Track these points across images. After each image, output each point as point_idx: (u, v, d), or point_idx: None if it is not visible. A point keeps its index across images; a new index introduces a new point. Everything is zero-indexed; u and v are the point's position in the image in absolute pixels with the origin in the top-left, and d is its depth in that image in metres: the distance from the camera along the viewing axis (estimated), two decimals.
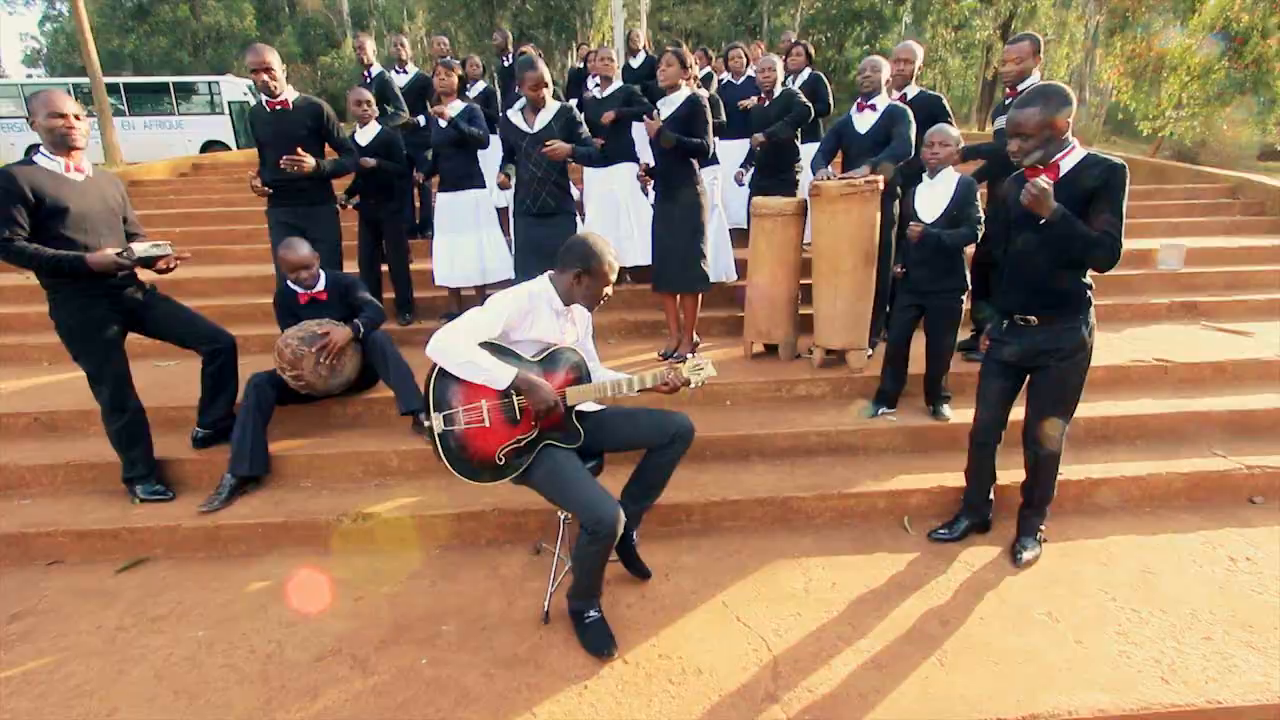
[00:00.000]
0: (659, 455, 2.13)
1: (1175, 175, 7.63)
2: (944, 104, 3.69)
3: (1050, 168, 2.09)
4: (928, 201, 2.99)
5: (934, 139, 2.93)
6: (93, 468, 2.91)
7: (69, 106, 2.42)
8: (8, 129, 13.13)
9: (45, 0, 30.57)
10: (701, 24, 23.43)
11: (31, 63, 34.16)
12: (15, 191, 2.31)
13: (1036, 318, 2.21)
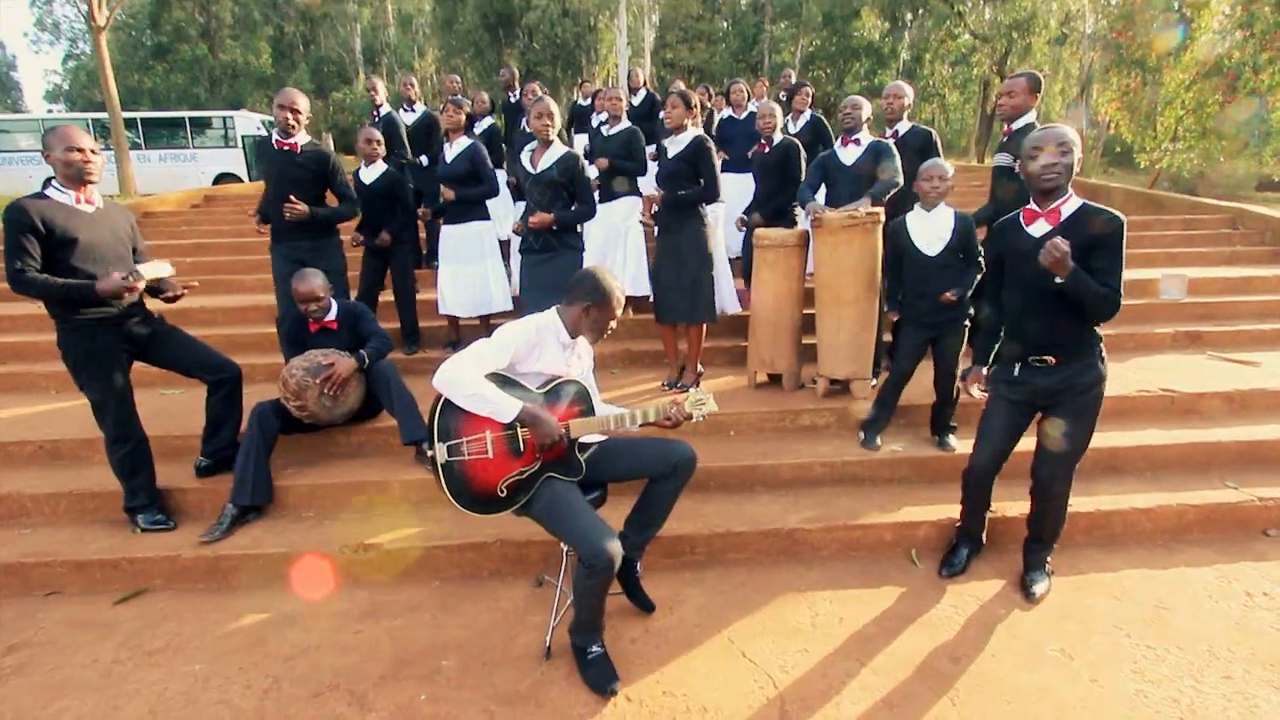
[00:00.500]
0: (661, 485, 2.12)
1: (1174, 206, 7.70)
2: (934, 139, 3.77)
3: (1052, 212, 2.11)
4: (927, 235, 3.02)
5: (932, 174, 2.97)
6: (95, 496, 2.91)
7: (86, 141, 2.48)
8: (26, 162, 13.44)
9: (69, 39, 31.65)
10: (704, 61, 24.03)
11: (53, 99, 35.19)
12: (27, 223, 2.36)
13: (1054, 357, 2.18)
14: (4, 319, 4.98)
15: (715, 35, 24.52)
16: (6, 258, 2.35)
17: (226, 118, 14.50)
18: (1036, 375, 2.23)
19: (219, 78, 25.16)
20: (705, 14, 24.25)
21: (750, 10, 23.98)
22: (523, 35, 21.53)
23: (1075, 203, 2.11)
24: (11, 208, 2.38)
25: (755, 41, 23.88)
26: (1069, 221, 2.09)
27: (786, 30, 24.24)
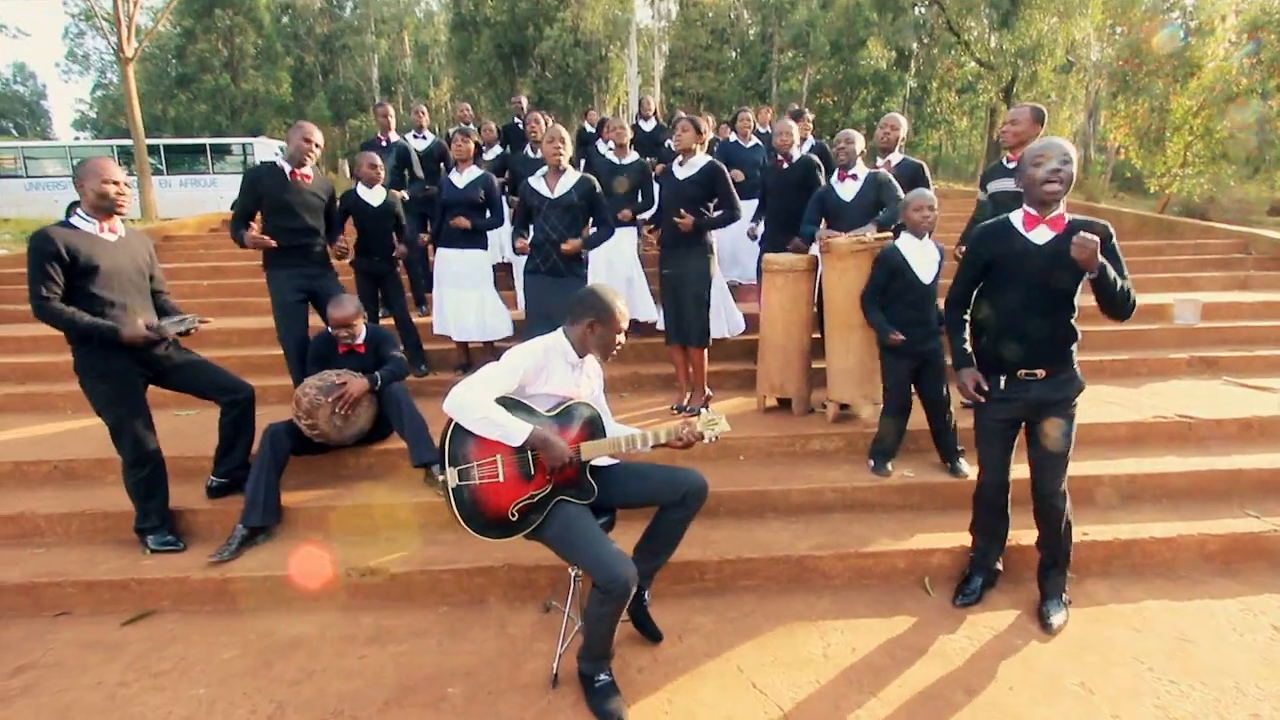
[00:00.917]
0: (672, 513, 2.10)
1: (1185, 230, 7.68)
2: (925, 171, 3.89)
3: (1055, 219, 2.14)
4: (923, 263, 3.05)
5: (922, 204, 3.01)
6: (107, 517, 2.92)
7: (119, 174, 2.56)
8: (53, 187, 13.81)
9: (98, 70, 32.77)
10: (712, 89, 24.45)
11: (80, 126, 36.33)
12: (52, 251, 2.41)
13: (1044, 369, 2.20)
14: (25, 340, 5.08)
15: (724, 64, 24.99)
16: (31, 284, 2.41)
17: (245, 144, 14.86)
18: (1024, 389, 2.23)
19: (240, 106, 25.87)
20: (714, 44, 24.76)
21: (759, 40, 24.45)
22: (535, 64, 22.01)
23: (1068, 215, 2.16)
24: (37, 235, 2.44)
25: (763, 70, 24.29)
26: (1070, 229, 2.13)
27: (794, 59, 24.66)
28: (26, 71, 42.29)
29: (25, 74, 42.23)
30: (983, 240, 2.27)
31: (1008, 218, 2.25)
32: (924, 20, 20.93)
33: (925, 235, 3.05)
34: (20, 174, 14.11)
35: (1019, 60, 16.06)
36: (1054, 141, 2.11)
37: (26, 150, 14.82)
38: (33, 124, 40.82)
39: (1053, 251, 2.12)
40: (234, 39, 25.83)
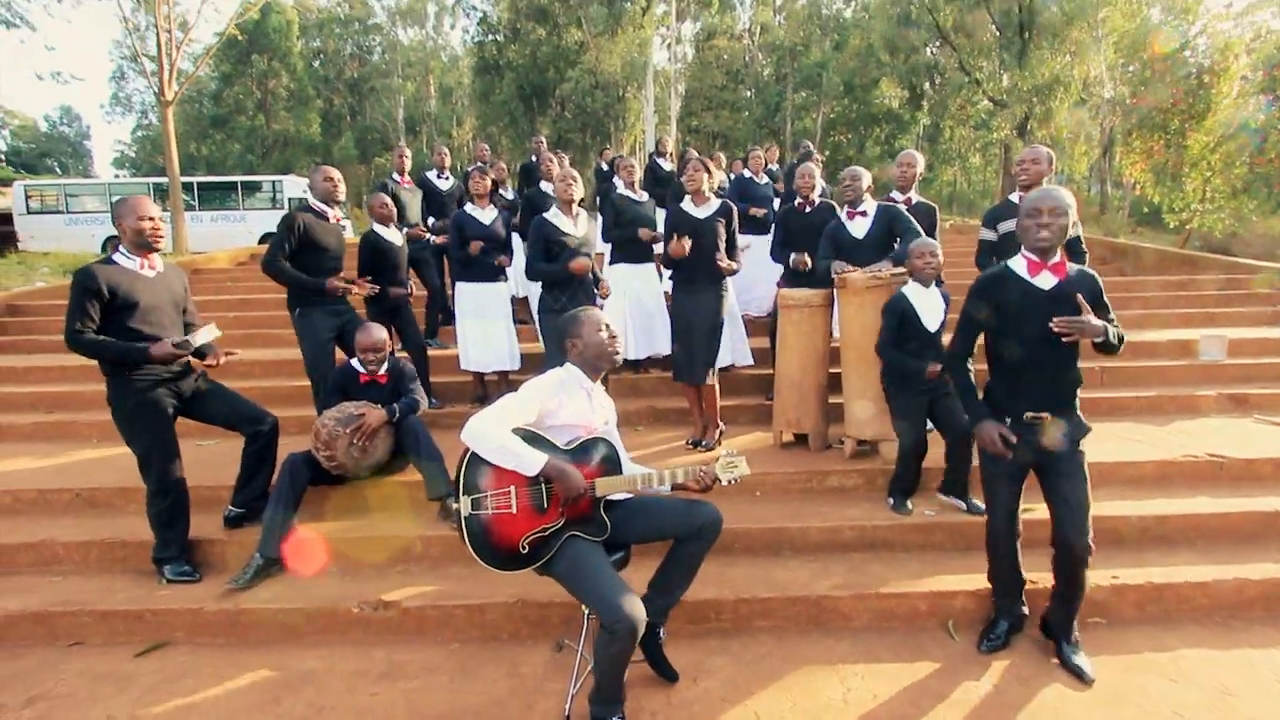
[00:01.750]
0: (686, 547, 2.08)
1: (1207, 266, 7.58)
2: (937, 215, 3.91)
3: (1057, 266, 2.16)
4: (929, 310, 3.04)
5: (923, 251, 3.02)
6: (125, 545, 2.95)
7: (155, 210, 2.66)
8: (91, 222, 14.36)
9: (139, 112, 34.35)
10: (728, 127, 24.96)
11: (120, 165, 37.96)
12: (94, 288, 2.50)
13: (1049, 414, 2.18)
14: (54, 369, 5.22)
15: (739, 103, 25.57)
16: (68, 317, 2.50)
17: (275, 182, 15.40)
18: (1031, 431, 2.20)
19: (271, 145, 26.89)
20: (729, 84, 25.39)
21: (773, 80, 25.02)
22: (555, 105, 22.70)
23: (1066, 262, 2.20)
24: (81, 272, 2.54)
25: (778, 109, 24.79)
26: (1070, 276, 2.16)
27: (808, 99, 25.16)
28: (72, 114, 44.54)
29: (71, 116, 44.45)
30: (985, 290, 2.26)
31: (1006, 264, 2.24)
32: (936, 60, 21.32)
33: (930, 283, 3.06)
34: (61, 210, 14.71)
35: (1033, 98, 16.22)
36: (1050, 193, 2.13)
37: (67, 187, 15.47)
38: (76, 162, 42.73)
39: (1057, 296, 2.13)
40: (268, 82, 27.00)
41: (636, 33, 21.50)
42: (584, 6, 21.08)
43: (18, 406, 4.74)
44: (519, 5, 22.86)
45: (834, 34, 24.73)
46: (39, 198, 14.94)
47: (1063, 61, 15.85)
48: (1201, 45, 12.33)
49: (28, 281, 8.40)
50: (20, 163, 36.21)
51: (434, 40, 31.46)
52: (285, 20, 26.35)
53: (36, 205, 14.71)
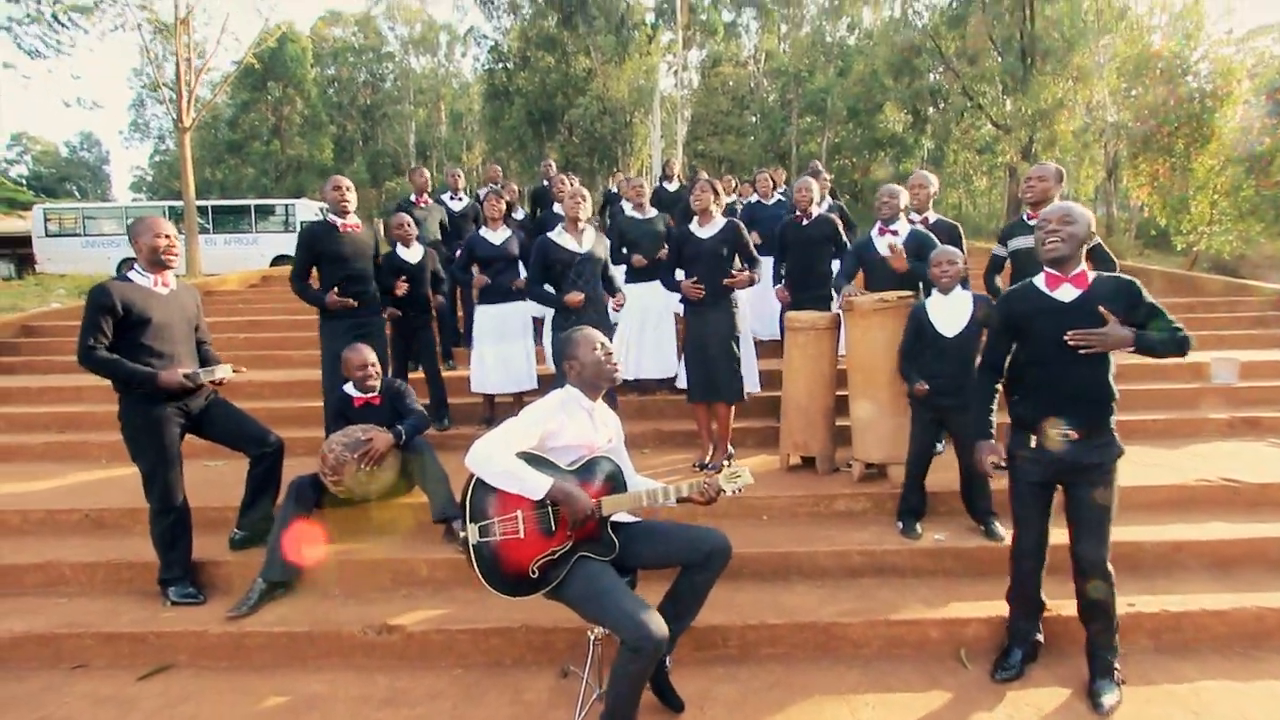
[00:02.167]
0: (694, 574, 2.06)
1: (1215, 288, 7.55)
2: (960, 231, 3.91)
3: (1078, 277, 2.14)
4: (947, 318, 3.03)
5: (940, 259, 3.03)
6: (131, 567, 2.95)
7: (170, 229, 2.72)
8: (107, 245, 14.59)
9: (156, 138, 35.17)
10: (734, 152, 25.26)
11: (137, 189, 38.79)
12: (108, 304, 2.55)
13: (1076, 431, 2.13)
14: (68, 390, 5.27)
15: (745, 128, 25.90)
16: (82, 333, 2.54)
17: (288, 205, 15.63)
18: (1058, 450, 2.16)
19: (284, 169, 27.40)
20: (735, 109, 25.75)
21: (778, 105, 25.36)
22: (563, 130, 23.07)
23: (1092, 273, 2.15)
24: (96, 289, 2.59)
25: (783, 134, 25.09)
26: (1095, 287, 2.11)
27: (813, 123, 25.46)
28: (92, 139, 45.64)
29: (91, 141, 45.56)
30: (1009, 304, 2.27)
31: (1031, 281, 2.24)
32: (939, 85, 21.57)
33: (950, 290, 3.04)
34: (79, 233, 14.98)
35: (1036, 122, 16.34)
36: (1058, 205, 2.15)
37: (85, 211, 15.77)
38: (94, 187, 43.67)
39: (1079, 308, 2.10)
40: (283, 109, 27.62)
41: (643, 60, 21.92)
42: (592, 35, 21.54)
43: (30, 426, 4.78)
44: (529, 34, 23.38)
45: (838, 60, 25.10)
46: (58, 221, 15.22)
47: (1065, 86, 15.99)
48: (1204, 70, 12.41)
49: (43, 302, 8.54)
50: (41, 187, 37.05)
51: (445, 68, 32.17)
52: (300, 49, 27.03)
53: (55, 228, 14.99)
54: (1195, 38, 12.70)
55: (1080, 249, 2.12)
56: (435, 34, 30.85)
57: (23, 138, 42.80)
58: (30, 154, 43.19)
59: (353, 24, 31.31)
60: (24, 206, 22.29)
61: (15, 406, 5.15)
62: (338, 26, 31.40)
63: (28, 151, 43.20)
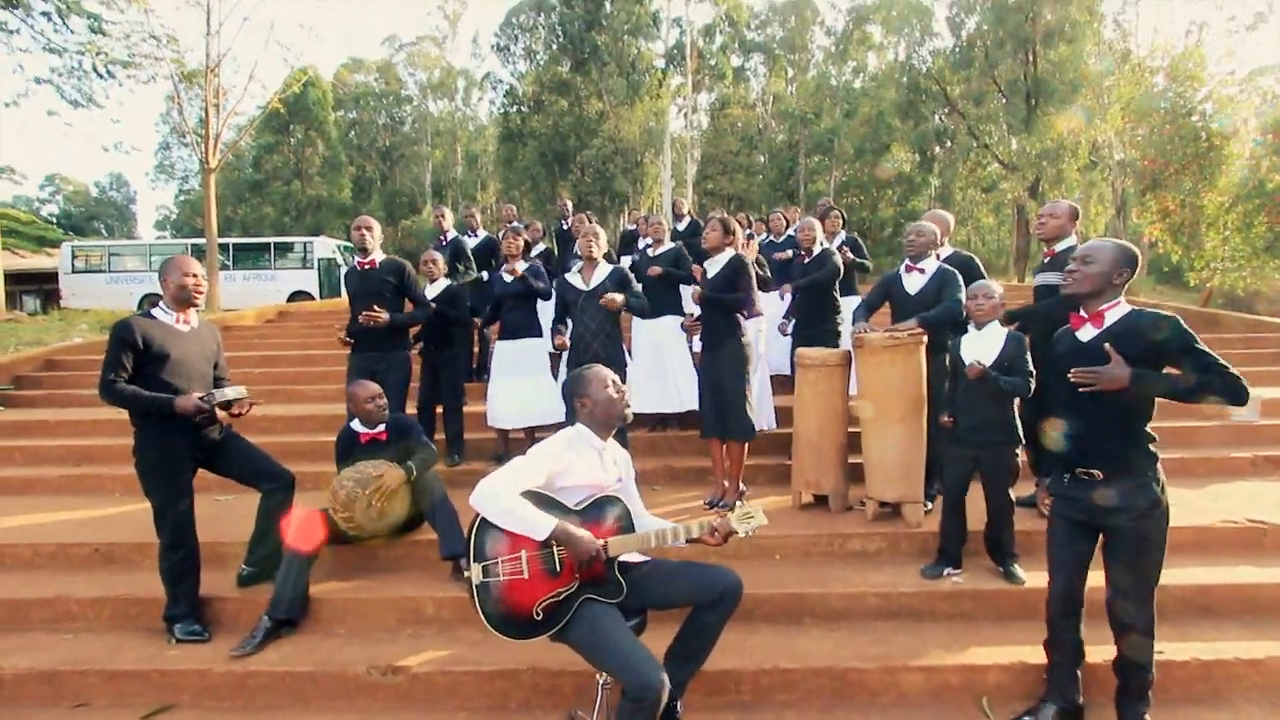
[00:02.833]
0: (705, 615, 2.01)
1: (1231, 324, 7.48)
2: (977, 263, 3.79)
3: (1096, 316, 2.11)
4: (977, 353, 2.99)
5: (978, 293, 3.01)
6: (139, 603, 2.93)
7: (198, 269, 2.80)
8: (130, 281, 14.99)
9: (181, 178, 36.40)
10: (743, 190, 25.68)
11: (161, 227, 39.99)
12: (130, 340, 2.61)
13: (1100, 472, 2.09)
14: (85, 423, 5.33)
15: (754, 168, 26.39)
16: (104, 368, 2.60)
17: (306, 243, 16.03)
18: (1085, 489, 2.11)
19: (304, 208, 28.15)
20: (744, 149, 26.29)
21: (786, 145, 25.87)
22: (576, 170, 23.63)
23: (1123, 308, 2.09)
24: (120, 324, 2.66)
25: (791, 172, 25.52)
26: (1117, 327, 2.07)
27: (821, 163, 25.90)
28: (121, 180, 47.26)
29: (120, 182, 47.17)
30: (1049, 343, 2.30)
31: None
32: (944, 126, 21.95)
33: (985, 324, 3.01)
34: (103, 269, 15.41)
35: (1042, 161, 16.52)
36: (1084, 245, 2.15)
37: (111, 248, 16.27)
38: (121, 225, 45.05)
39: (1094, 349, 2.06)
40: (304, 151, 28.55)
41: (654, 103, 22.55)
42: (604, 80, 22.24)
43: (46, 459, 4.83)
44: (543, 79, 24.20)
45: (844, 103, 25.66)
46: (84, 258, 15.68)
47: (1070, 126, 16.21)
48: (1208, 109, 12.55)
49: (66, 337, 8.72)
50: (70, 225, 38.29)
51: (462, 111, 33.22)
52: (322, 93, 28.06)
53: (81, 265, 15.43)
54: (1198, 78, 12.89)
55: (1105, 288, 2.08)
56: (453, 79, 31.97)
57: (56, 178, 44.49)
58: (62, 194, 44.79)
59: (374, 70, 32.57)
60: (53, 244, 23.02)
61: (33, 439, 5.22)
62: (360, 73, 32.67)
63: (59, 191, 44.81)
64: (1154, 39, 16.65)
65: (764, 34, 26.79)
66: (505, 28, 25.74)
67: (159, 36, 12.52)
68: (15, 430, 5.36)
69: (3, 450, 4.90)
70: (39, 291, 20.29)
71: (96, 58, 11.67)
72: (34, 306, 18.65)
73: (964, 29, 19.29)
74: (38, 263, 21.53)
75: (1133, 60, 16.43)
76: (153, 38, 12.49)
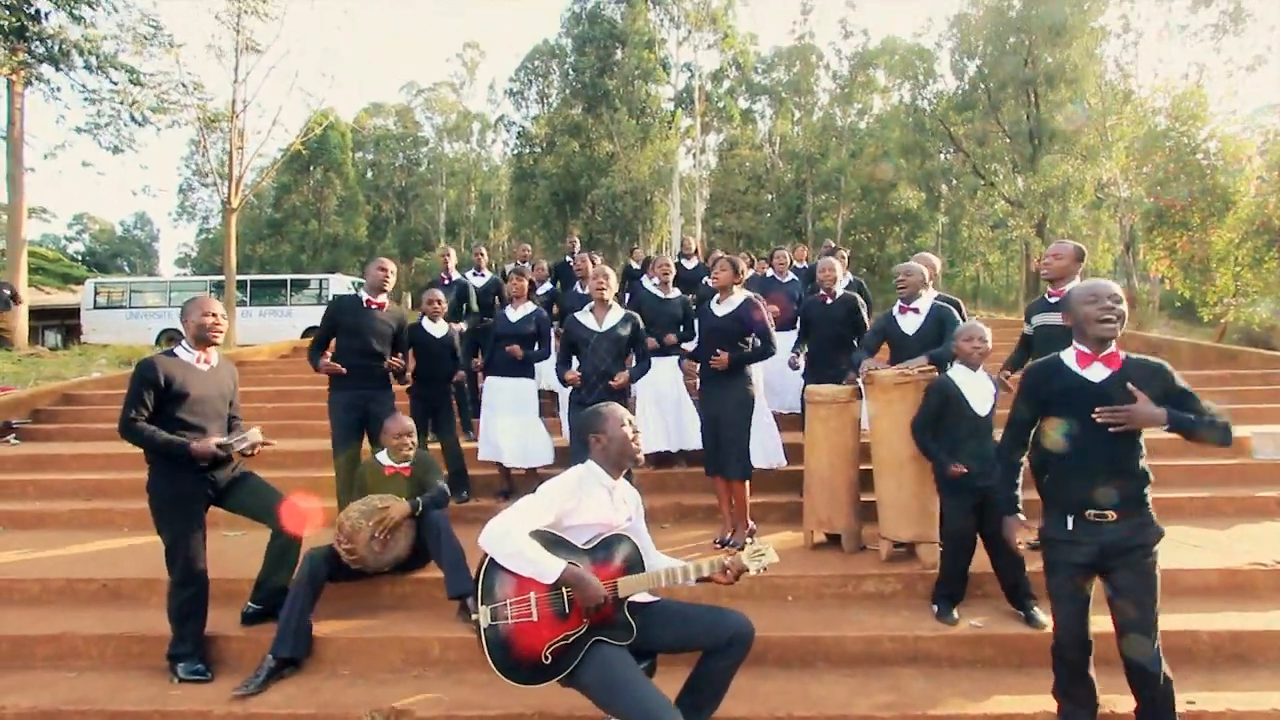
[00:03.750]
0: (716, 660, 1.97)
1: (1249, 360, 7.39)
2: (960, 306, 3.87)
3: (1110, 356, 2.09)
4: (977, 396, 2.99)
5: (973, 335, 2.99)
6: (143, 640, 2.91)
7: (218, 309, 2.85)
8: (149, 317, 15.28)
9: (202, 217, 37.43)
10: (751, 228, 25.99)
11: (181, 264, 40.99)
12: (151, 379, 2.66)
13: (1115, 512, 2.05)
14: (100, 457, 5.37)
15: (761, 206, 26.75)
16: (125, 405, 2.65)
17: (322, 279, 16.35)
18: (1095, 532, 2.06)
19: (321, 246, 28.79)
20: (752, 188, 26.72)
21: (793, 184, 26.25)
22: (586, 209, 24.08)
23: (1122, 352, 2.11)
24: (143, 363, 2.72)
25: (799, 210, 25.84)
26: (1128, 368, 2.06)
27: (828, 200, 26.23)
28: (145, 219, 48.70)
29: (144, 221, 48.59)
30: (1034, 379, 2.22)
31: (1058, 356, 2.19)
32: (950, 165, 22.26)
33: (979, 367, 3.01)
34: (124, 305, 15.74)
35: (1048, 199, 16.64)
36: (1101, 282, 2.13)
37: (133, 285, 16.64)
38: (143, 262, 46.23)
39: (1110, 389, 2.05)
40: (323, 191, 29.36)
41: (663, 144, 23.06)
42: (615, 122, 22.83)
43: (60, 493, 4.86)
44: (555, 122, 24.90)
45: (850, 143, 26.13)
46: (106, 294, 16.04)
47: (1075, 165, 16.37)
48: (1212, 148, 12.65)
49: (84, 372, 8.86)
50: (94, 262, 39.32)
51: (477, 152, 34.12)
52: (341, 135, 29.00)
53: (103, 301, 15.77)
54: (1199, 117, 13.04)
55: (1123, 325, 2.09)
56: (469, 122, 32.95)
57: (84, 218, 45.93)
58: (88, 232, 46.17)
59: (393, 114, 33.68)
60: (78, 281, 23.59)
61: (48, 473, 5.25)
62: (379, 117, 33.79)
63: (86, 230, 46.20)
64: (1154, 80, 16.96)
65: (770, 78, 27.50)
66: (520, 72, 26.64)
67: (186, 84, 13.08)
68: (31, 464, 5.41)
69: (17, 484, 4.94)
70: (60, 327, 20.73)
71: (132, 106, 12.23)
72: (55, 341, 19.02)
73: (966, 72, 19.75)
74: (62, 299, 22.05)
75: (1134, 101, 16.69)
76: (181, 85, 13.05)
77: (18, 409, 6.62)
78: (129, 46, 12.12)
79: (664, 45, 24.31)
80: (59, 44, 11.19)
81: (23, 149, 11.58)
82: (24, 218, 12.10)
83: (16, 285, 11.29)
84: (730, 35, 24.63)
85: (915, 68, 21.33)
